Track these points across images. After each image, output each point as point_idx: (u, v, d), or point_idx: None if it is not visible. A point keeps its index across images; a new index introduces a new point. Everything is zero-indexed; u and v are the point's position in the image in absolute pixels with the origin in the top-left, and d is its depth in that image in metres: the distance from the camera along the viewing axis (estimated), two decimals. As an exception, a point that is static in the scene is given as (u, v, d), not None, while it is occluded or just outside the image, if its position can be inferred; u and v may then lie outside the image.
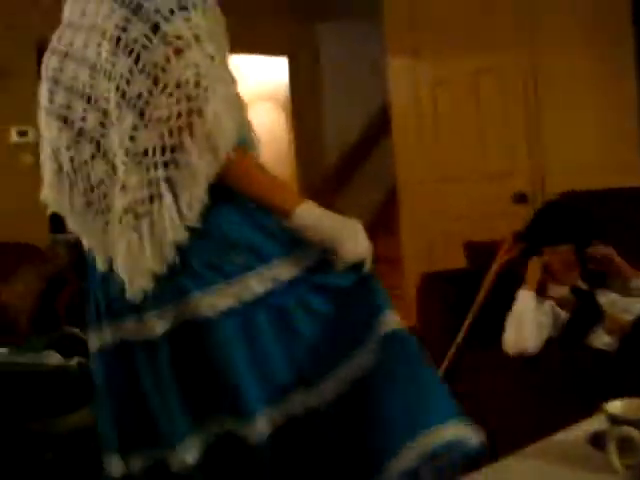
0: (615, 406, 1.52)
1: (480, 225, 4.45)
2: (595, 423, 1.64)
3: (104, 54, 1.33)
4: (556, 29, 4.07)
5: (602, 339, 2.53)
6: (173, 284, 1.30)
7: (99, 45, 1.35)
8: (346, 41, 6.40)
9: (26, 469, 2.99)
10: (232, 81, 1.38)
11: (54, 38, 1.51)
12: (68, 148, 1.41)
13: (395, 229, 5.53)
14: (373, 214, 6.62)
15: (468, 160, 4.66)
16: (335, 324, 1.37)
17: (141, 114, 1.28)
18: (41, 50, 4.76)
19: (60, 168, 1.43)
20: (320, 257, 1.38)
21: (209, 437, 1.34)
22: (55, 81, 1.46)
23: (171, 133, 1.26)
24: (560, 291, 2.73)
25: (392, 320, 1.42)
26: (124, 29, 1.30)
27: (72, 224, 1.45)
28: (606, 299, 2.67)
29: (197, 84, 1.26)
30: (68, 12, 1.50)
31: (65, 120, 1.43)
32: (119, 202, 1.30)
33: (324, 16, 6.20)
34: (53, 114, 1.46)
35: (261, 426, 1.29)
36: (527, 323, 2.54)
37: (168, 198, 1.26)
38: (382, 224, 6.43)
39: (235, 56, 6.19)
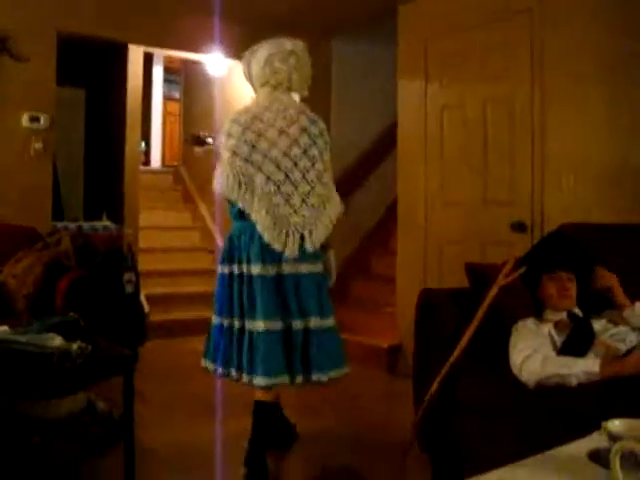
0: (615, 425, 1.57)
1: (476, 250, 4.52)
2: (594, 442, 1.69)
3: (295, 151, 3.01)
4: (570, 65, 4.16)
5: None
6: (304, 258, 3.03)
7: (290, 145, 3.01)
8: (360, 59, 6.49)
9: (11, 451, 2.99)
10: None
11: (242, 119, 3.08)
12: (261, 185, 2.97)
13: (392, 248, 5.59)
14: (371, 232, 6.68)
15: (470, 185, 4.73)
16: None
17: (312, 187, 3.03)
18: (60, 39, 4.84)
19: (252, 192, 2.97)
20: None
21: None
22: (252, 146, 3.00)
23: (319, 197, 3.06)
24: (557, 317, 2.79)
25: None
26: (310, 147, 3.04)
27: (256, 217, 2.97)
28: (600, 326, 2.73)
29: (329, 185, 3.18)
30: (260, 113, 3.08)
31: (260, 170, 2.98)
32: (294, 219, 2.99)
33: (340, 32, 6.28)
34: (252, 165, 2.99)
35: (333, 322, 3.12)
36: (553, 374, 2.48)
37: (321, 223, 3.04)
38: (379, 242, 6.49)
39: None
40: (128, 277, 5.25)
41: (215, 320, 3.15)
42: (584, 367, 2.44)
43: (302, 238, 2.99)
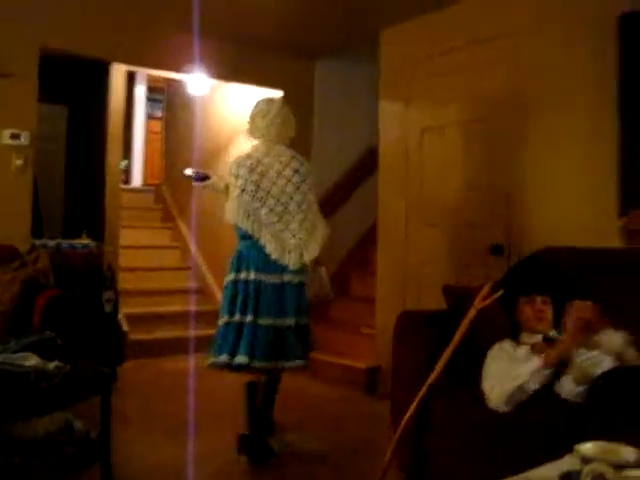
0: (587, 447, 1.60)
1: (455, 272, 4.56)
2: (565, 464, 1.72)
3: (289, 188, 3.80)
4: (548, 90, 4.22)
5: (568, 387, 2.61)
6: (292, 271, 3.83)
7: (286, 184, 3.80)
8: (342, 81, 6.54)
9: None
10: None
11: (248, 163, 3.84)
12: (265, 215, 3.79)
13: (371, 269, 5.61)
14: (351, 253, 6.70)
15: (450, 208, 4.77)
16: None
17: (305, 215, 3.82)
18: (42, 56, 4.83)
19: (259, 222, 3.79)
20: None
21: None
22: (257, 185, 3.79)
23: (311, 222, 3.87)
24: (533, 339, 2.82)
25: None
26: (301, 184, 3.83)
27: (264, 241, 3.79)
28: (575, 350, 2.75)
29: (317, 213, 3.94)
30: (261, 158, 3.85)
31: (264, 204, 3.79)
32: (293, 240, 3.79)
33: (323, 54, 6.34)
34: (258, 200, 3.79)
35: (307, 320, 3.92)
36: (511, 390, 2.58)
37: (314, 242, 3.82)
38: (359, 264, 6.51)
39: (234, 84, 6.27)
40: (107, 296, 5.22)
41: (220, 321, 3.90)
42: (530, 368, 2.56)
43: (301, 255, 3.83)
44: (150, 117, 10.58)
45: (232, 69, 5.98)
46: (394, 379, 3.11)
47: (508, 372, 2.64)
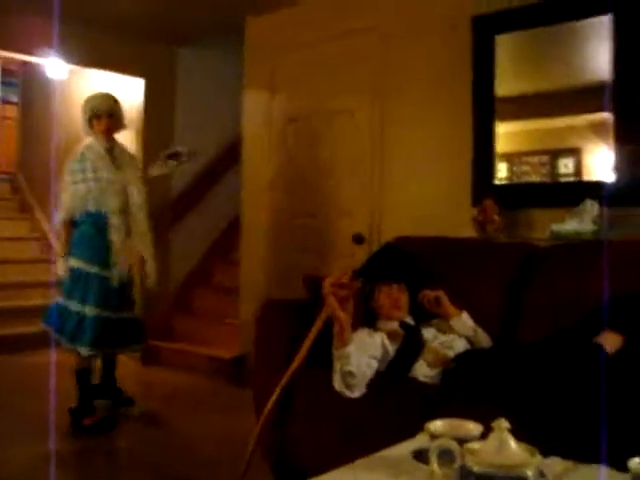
0: (435, 425, 1.69)
1: (320, 261, 4.64)
2: (418, 442, 1.81)
3: None
4: (409, 84, 4.38)
5: (423, 371, 2.73)
6: None
7: None
8: (205, 69, 6.47)
9: None
10: None
11: None
12: None
13: (235, 260, 5.61)
14: (214, 244, 6.66)
15: (314, 197, 4.84)
16: None
17: None
18: None
19: None
20: None
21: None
22: None
23: None
24: (390, 326, 2.93)
25: None
26: None
27: None
28: (429, 334, 2.89)
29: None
30: None
31: None
32: None
33: (187, 42, 6.24)
34: None
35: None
36: (356, 377, 2.61)
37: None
38: (222, 255, 6.49)
39: (94, 71, 6.04)
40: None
41: None
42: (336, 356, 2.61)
43: None
44: (4, 101, 10.07)
45: (91, 55, 5.77)
46: (256, 368, 3.14)
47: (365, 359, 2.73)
